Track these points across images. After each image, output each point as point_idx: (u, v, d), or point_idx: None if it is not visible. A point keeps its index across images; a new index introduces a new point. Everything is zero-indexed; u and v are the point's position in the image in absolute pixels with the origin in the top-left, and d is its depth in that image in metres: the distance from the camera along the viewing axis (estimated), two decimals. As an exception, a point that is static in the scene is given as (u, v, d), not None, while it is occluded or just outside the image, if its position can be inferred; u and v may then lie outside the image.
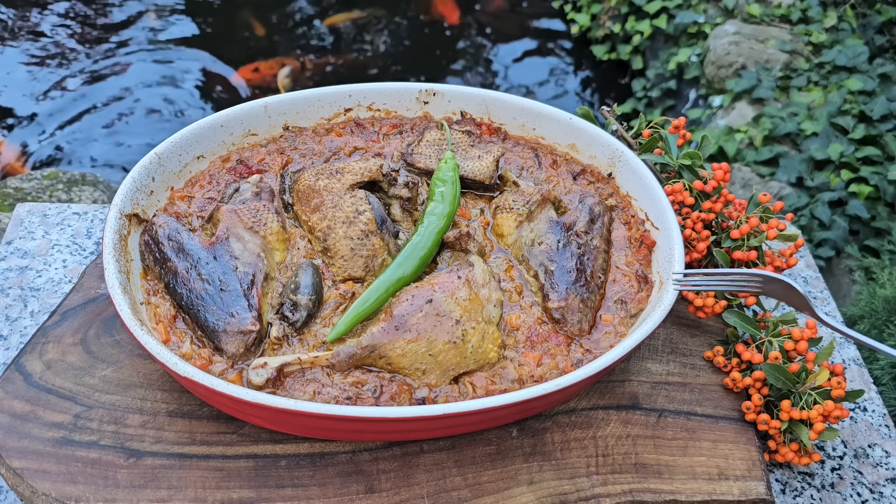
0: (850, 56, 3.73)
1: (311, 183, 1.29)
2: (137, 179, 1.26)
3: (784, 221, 1.39)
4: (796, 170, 3.30)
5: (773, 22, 4.16)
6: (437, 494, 1.07)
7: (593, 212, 1.30)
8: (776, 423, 1.17)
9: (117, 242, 1.17)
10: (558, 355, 1.15)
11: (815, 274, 1.62)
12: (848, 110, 3.44)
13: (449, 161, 1.33)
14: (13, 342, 1.33)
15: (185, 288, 1.15)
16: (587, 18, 4.89)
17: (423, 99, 1.52)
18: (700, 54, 4.15)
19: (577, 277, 1.21)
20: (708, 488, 1.10)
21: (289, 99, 1.45)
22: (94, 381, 1.16)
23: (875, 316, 2.17)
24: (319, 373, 1.10)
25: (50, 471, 1.05)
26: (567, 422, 1.16)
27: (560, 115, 1.46)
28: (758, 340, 1.24)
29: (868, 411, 1.36)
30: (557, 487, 1.09)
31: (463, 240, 1.24)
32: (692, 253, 1.35)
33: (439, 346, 1.10)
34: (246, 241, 1.21)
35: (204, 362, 1.10)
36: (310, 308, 1.16)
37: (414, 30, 4.92)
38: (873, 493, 1.23)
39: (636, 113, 4.32)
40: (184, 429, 1.11)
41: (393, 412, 0.98)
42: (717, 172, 1.35)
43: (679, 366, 1.26)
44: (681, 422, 1.18)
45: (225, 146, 1.41)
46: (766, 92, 3.71)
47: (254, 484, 1.06)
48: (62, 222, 1.58)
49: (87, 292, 1.30)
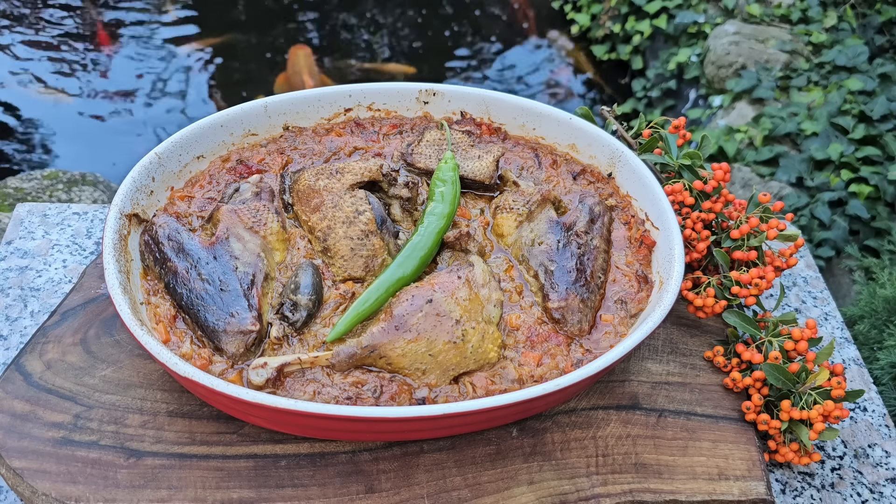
0: (850, 56, 3.73)
1: (311, 183, 1.29)
2: (137, 179, 1.26)
3: (784, 221, 1.39)
4: (796, 170, 3.30)
5: (773, 22, 4.16)
6: (437, 494, 1.07)
7: (593, 212, 1.30)
8: (776, 423, 1.17)
9: (117, 242, 1.17)
10: (558, 355, 1.15)
11: (815, 274, 1.62)
12: (848, 110, 3.44)
13: (449, 161, 1.33)
14: (13, 342, 1.33)
15: (185, 288, 1.15)
16: (587, 18, 4.89)
17: (423, 99, 1.52)
18: (700, 54, 4.15)
19: (577, 277, 1.21)
20: (708, 488, 1.10)
21: (289, 99, 1.45)
22: (94, 381, 1.16)
23: (875, 316, 2.17)
24: (319, 373, 1.10)
25: (50, 471, 1.05)
26: (567, 422, 1.16)
27: (560, 115, 1.46)
28: (758, 340, 1.24)
29: (868, 411, 1.36)
30: (557, 487, 1.09)
31: (463, 240, 1.24)
32: (692, 253, 1.35)
33: (439, 346, 1.10)
34: (246, 241, 1.21)
35: (204, 362, 1.10)
36: (310, 308, 1.16)
37: (415, 29, 4.92)
38: (873, 493, 1.23)
39: (636, 113, 4.31)
40: (184, 429, 1.11)
41: (393, 412, 0.98)
42: (717, 172, 1.35)
43: (679, 366, 1.26)
44: (681, 422, 1.18)
45: (225, 146, 1.41)
46: (766, 92, 3.71)
47: (254, 484, 1.06)
48: (62, 222, 1.58)
49: (87, 292, 1.30)
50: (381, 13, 5.02)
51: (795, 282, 1.59)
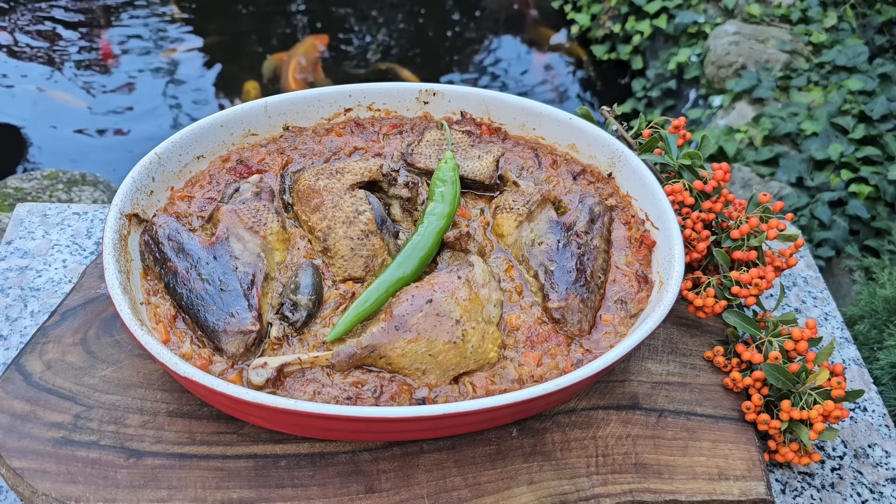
0: (850, 56, 3.72)
1: (311, 183, 1.29)
2: (137, 179, 1.26)
3: (784, 221, 1.39)
4: (796, 170, 3.30)
5: (773, 22, 4.16)
6: (437, 494, 1.07)
7: (593, 212, 1.30)
8: (776, 423, 1.17)
9: (117, 242, 1.17)
10: (558, 355, 1.15)
11: (815, 274, 1.62)
12: (848, 110, 3.44)
13: (449, 161, 1.33)
14: (13, 342, 1.33)
15: (185, 288, 1.15)
16: (587, 18, 4.89)
17: (423, 99, 1.52)
18: (700, 54, 4.15)
19: (577, 277, 1.21)
20: (708, 488, 1.10)
21: (289, 99, 1.45)
22: (94, 381, 1.16)
23: (875, 316, 2.17)
24: (319, 373, 1.10)
25: (50, 471, 1.05)
26: (567, 422, 1.16)
27: (560, 115, 1.46)
28: (758, 340, 1.24)
29: (868, 411, 1.36)
30: (557, 487, 1.09)
31: (463, 240, 1.24)
32: (692, 253, 1.35)
33: (439, 346, 1.10)
34: (246, 241, 1.21)
35: (204, 362, 1.10)
36: (310, 308, 1.16)
37: (416, 29, 4.92)
38: (873, 493, 1.23)
39: (636, 113, 4.31)
40: (184, 429, 1.11)
41: (393, 412, 0.98)
42: (717, 172, 1.35)
43: (679, 366, 1.26)
44: (681, 422, 1.18)
45: (225, 146, 1.41)
46: (766, 92, 3.71)
47: (254, 484, 1.06)
48: (62, 222, 1.58)
49: (87, 292, 1.30)
50: (380, 13, 5.02)
51: (795, 282, 1.60)
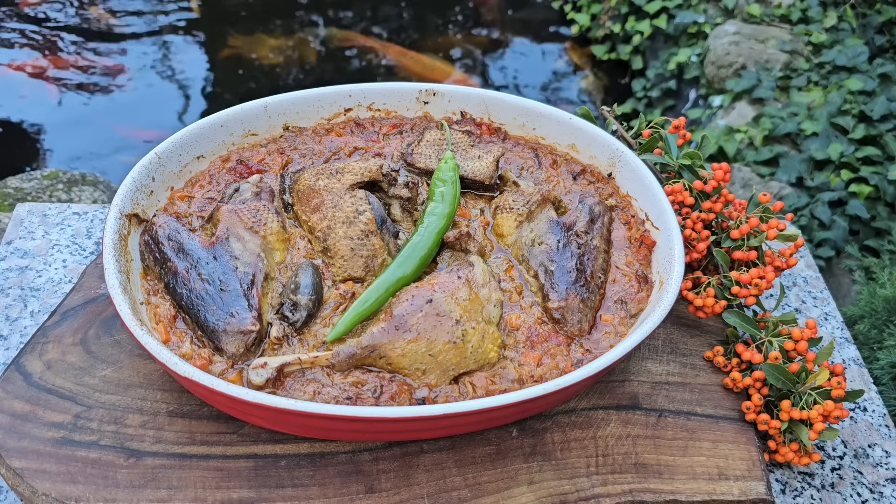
0: (850, 56, 3.73)
1: (311, 183, 1.29)
2: (137, 179, 1.26)
3: (784, 221, 1.39)
4: (796, 170, 3.30)
5: (773, 22, 4.16)
6: (437, 494, 1.07)
7: (593, 212, 1.30)
8: (776, 423, 1.17)
9: (117, 242, 1.17)
10: (558, 355, 1.15)
11: (815, 274, 1.62)
12: (848, 110, 3.44)
13: (449, 161, 1.33)
14: (13, 342, 1.33)
15: (185, 288, 1.15)
16: (587, 18, 4.89)
17: (423, 99, 1.52)
18: (700, 54, 4.15)
19: (577, 277, 1.21)
20: (708, 488, 1.10)
21: (289, 99, 1.45)
22: (94, 381, 1.16)
23: (875, 316, 2.17)
24: (319, 373, 1.10)
25: (50, 471, 1.05)
26: (567, 422, 1.16)
27: (560, 115, 1.46)
28: (758, 340, 1.24)
29: (868, 411, 1.36)
30: (557, 487, 1.09)
31: (463, 240, 1.24)
32: (692, 253, 1.35)
33: (439, 346, 1.10)
34: (246, 241, 1.21)
35: (204, 362, 1.10)
36: (310, 308, 1.16)
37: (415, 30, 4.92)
38: (873, 493, 1.23)
39: (636, 113, 4.31)
40: (184, 429, 1.11)
41: (393, 412, 0.98)
42: (717, 172, 1.35)
43: (679, 366, 1.26)
44: (681, 422, 1.18)
45: (225, 146, 1.41)
46: (766, 92, 3.71)
47: (254, 484, 1.06)
48: (62, 222, 1.58)
49: (87, 292, 1.30)
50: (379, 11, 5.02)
51: (795, 282, 1.60)
